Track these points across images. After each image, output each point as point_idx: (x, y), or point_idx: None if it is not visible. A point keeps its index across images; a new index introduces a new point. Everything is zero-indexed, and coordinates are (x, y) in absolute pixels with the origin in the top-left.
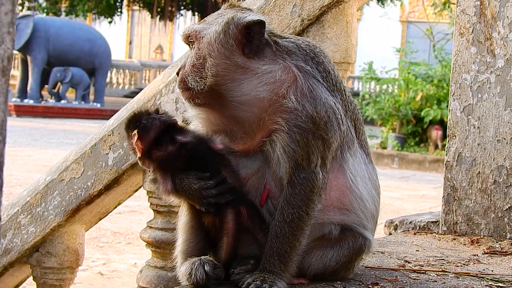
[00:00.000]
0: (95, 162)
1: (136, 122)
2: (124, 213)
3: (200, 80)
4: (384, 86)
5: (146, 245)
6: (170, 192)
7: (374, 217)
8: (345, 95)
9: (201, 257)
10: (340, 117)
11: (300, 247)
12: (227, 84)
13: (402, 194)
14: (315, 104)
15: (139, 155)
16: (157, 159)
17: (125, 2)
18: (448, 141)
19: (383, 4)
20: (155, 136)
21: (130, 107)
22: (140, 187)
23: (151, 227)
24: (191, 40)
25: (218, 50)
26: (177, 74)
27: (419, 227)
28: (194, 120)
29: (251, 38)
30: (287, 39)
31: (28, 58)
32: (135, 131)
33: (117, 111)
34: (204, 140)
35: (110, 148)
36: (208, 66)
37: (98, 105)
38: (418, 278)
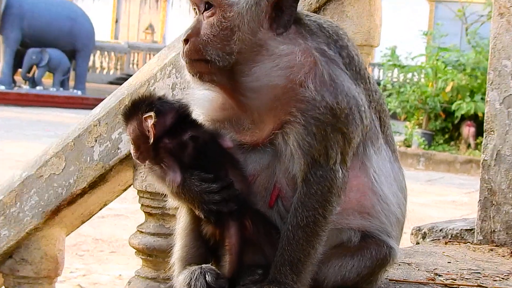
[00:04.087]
0: (79, 156)
1: (150, 104)
2: (108, 217)
3: (223, 55)
4: (409, 75)
5: (136, 252)
6: (179, 181)
7: (400, 223)
8: (369, 83)
9: (202, 265)
10: (363, 109)
11: (315, 255)
12: (243, 64)
13: (428, 199)
14: (336, 94)
15: (151, 140)
16: (165, 150)
17: None
18: (485, 137)
19: None
20: (172, 121)
21: (120, 93)
22: (129, 186)
23: (142, 232)
24: (209, 3)
25: (248, 24)
26: (185, 41)
27: (451, 236)
28: (194, 105)
29: (279, 13)
30: (309, 17)
31: None
32: (151, 113)
33: (101, 99)
34: (214, 136)
35: (96, 141)
36: (236, 40)
37: (79, 93)
38: None
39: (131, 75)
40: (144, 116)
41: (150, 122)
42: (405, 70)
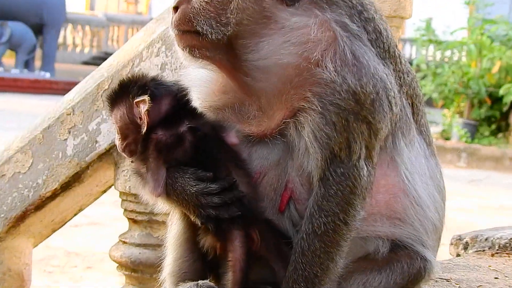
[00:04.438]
0: (49, 152)
1: (143, 86)
2: (83, 225)
3: (218, 27)
4: (448, 53)
5: (117, 267)
6: (160, 193)
7: (437, 231)
8: (400, 63)
9: (199, 281)
10: (392, 94)
11: (335, 270)
12: (245, 39)
13: (471, 203)
14: (360, 76)
15: (143, 130)
16: (157, 143)
17: None
18: None
19: None
20: (169, 108)
21: (98, 76)
22: (110, 187)
23: (125, 242)
24: None
25: None
26: (174, 9)
27: (499, 246)
28: (189, 87)
29: None
30: None
31: None
32: (145, 97)
33: (74, 83)
34: (217, 129)
35: (69, 132)
36: (233, 9)
37: (47, 75)
38: None
39: (110, 54)
40: (135, 101)
41: (143, 108)
42: (442, 46)
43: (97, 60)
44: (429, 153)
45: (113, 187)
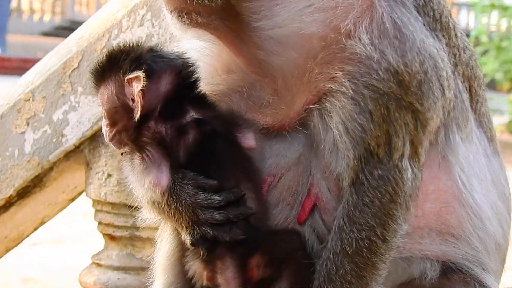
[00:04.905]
0: (1, 149)
1: (137, 58)
2: (44, 243)
3: None
4: None
5: None
6: (167, 183)
7: (501, 250)
8: (455, 36)
9: None
10: (445, 74)
11: None
12: (253, 1)
13: None
14: (403, 51)
15: (136, 115)
16: (153, 135)
17: None
18: None
19: None
20: (170, 89)
21: (65, 51)
22: (79, 194)
23: (99, 265)
24: None
25: None
26: None
27: None
28: None
29: None
30: None
31: None
32: (139, 73)
33: (31, 60)
34: (230, 125)
35: (28, 124)
36: None
37: None
38: None
39: (78, 23)
40: (127, 78)
41: (136, 87)
42: (509, 13)
43: (61, 31)
44: (491, 151)
45: (83, 194)
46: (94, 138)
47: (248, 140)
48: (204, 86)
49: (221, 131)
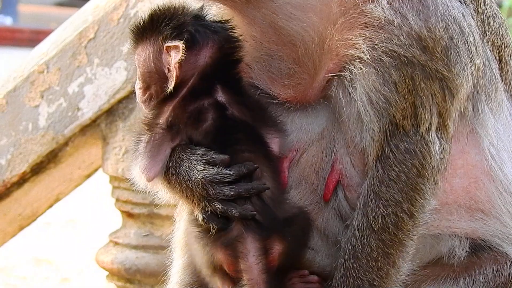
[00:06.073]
0: (15, 123)
1: (180, 25)
2: (58, 223)
3: None
4: None
5: (107, 276)
6: (153, 176)
7: None
8: (484, 3)
9: None
10: (472, 40)
11: (397, 278)
12: None
13: None
14: (427, 15)
15: (170, 85)
16: (174, 110)
17: None
18: None
19: None
20: (208, 62)
21: (80, 21)
22: (96, 170)
23: (117, 244)
24: None
25: None
26: None
27: None
28: None
29: None
30: None
31: None
32: (180, 43)
33: (44, 32)
34: (259, 120)
35: (42, 97)
36: None
37: (8, 21)
38: None
39: None
40: (166, 45)
41: (175, 57)
42: None
43: (75, 1)
44: None
45: (100, 170)
46: (111, 112)
47: (273, 144)
48: None
49: (245, 120)
